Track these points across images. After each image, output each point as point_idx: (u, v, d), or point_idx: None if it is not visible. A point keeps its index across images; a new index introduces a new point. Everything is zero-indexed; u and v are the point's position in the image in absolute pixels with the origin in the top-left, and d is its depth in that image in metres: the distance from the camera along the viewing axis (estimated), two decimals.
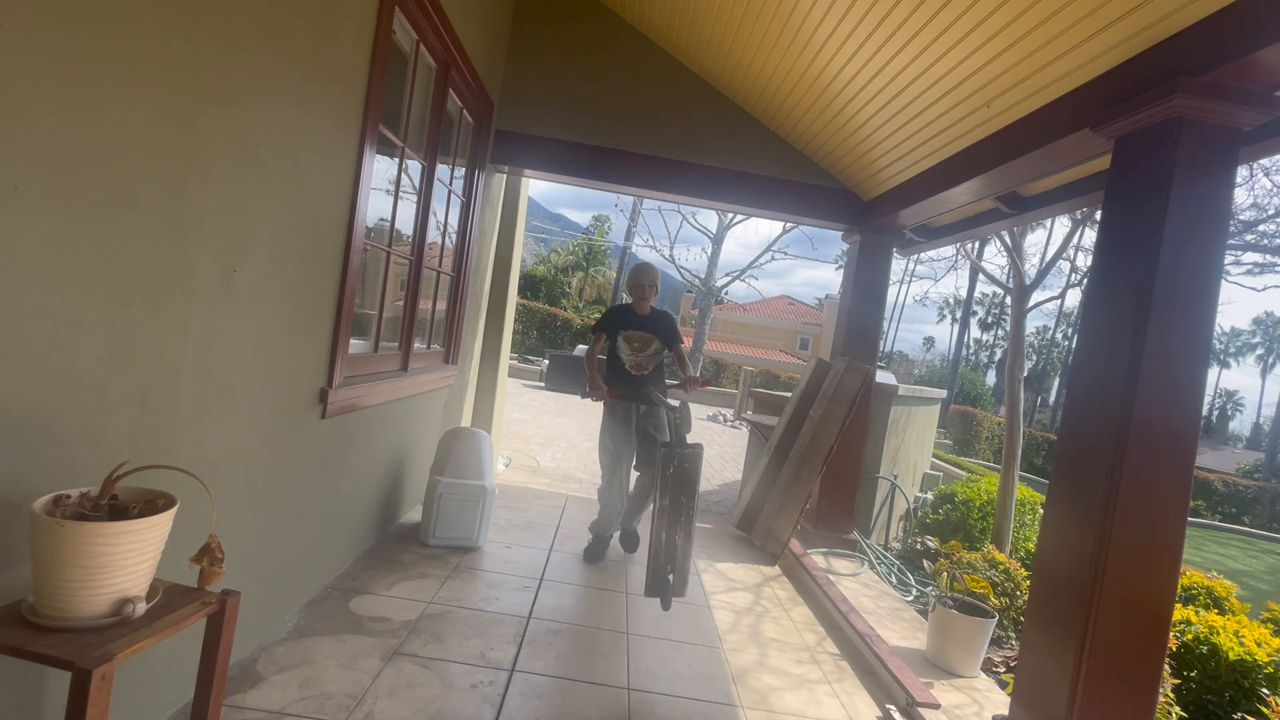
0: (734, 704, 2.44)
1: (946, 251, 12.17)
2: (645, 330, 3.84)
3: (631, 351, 3.84)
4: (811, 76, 3.82)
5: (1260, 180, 8.49)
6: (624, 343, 3.87)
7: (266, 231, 1.95)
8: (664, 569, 2.72)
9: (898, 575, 4.65)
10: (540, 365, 15.74)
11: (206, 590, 1.38)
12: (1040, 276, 6.17)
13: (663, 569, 2.72)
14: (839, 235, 5.15)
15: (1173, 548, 2.07)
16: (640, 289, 3.86)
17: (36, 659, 1.10)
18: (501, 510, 4.31)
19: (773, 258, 20.44)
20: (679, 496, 2.74)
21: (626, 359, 3.86)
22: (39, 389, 1.28)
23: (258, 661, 2.18)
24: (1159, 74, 2.09)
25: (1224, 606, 4.43)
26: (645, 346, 3.83)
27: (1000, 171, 3.09)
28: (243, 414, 1.97)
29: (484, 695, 2.21)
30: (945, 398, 9.96)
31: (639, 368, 3.83)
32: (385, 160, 2.88)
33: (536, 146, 4.59)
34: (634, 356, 3.84)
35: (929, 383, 33.43)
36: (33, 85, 1.17)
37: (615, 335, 3.89)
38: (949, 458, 13.08)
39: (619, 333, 3.88)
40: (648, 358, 3.85)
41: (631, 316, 3.87)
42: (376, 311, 3.11)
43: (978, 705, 2.85)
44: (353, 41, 2.32)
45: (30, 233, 1.21)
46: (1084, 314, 2.39)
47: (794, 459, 4.46)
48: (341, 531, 2.93)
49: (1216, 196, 2.06)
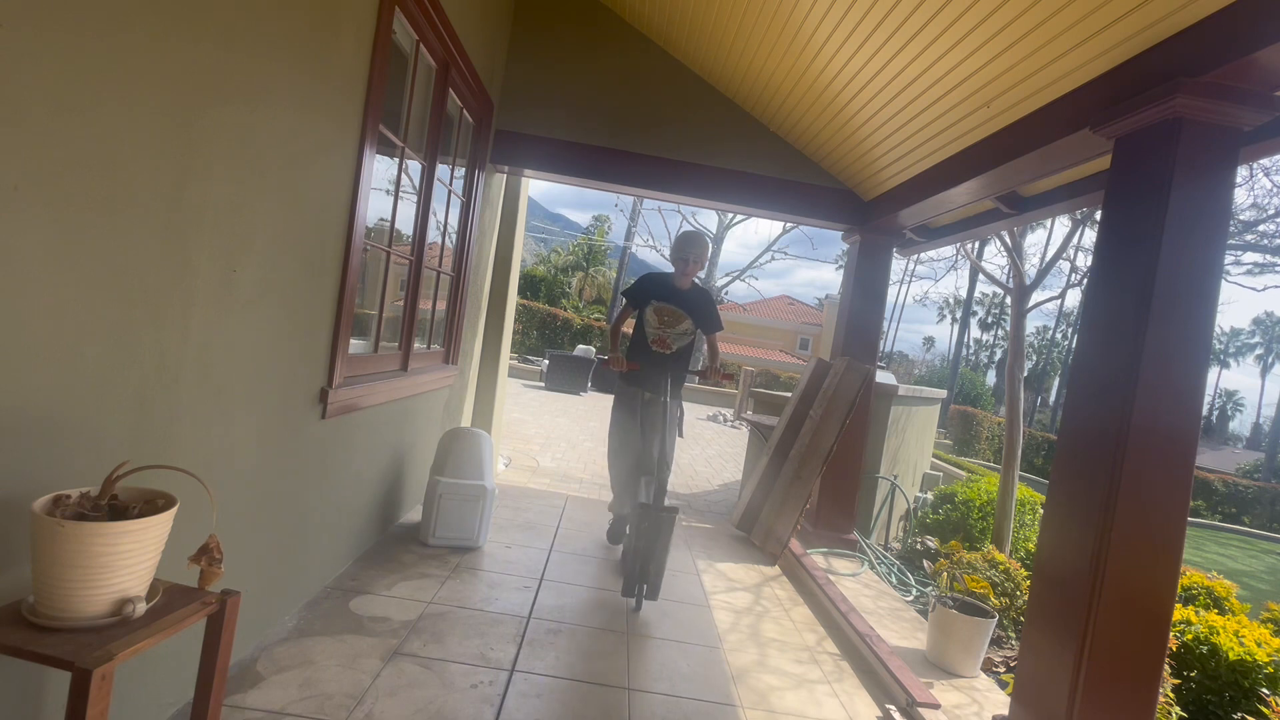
0: (734, 704, 2.44)
1: (946, 251, 12.19)
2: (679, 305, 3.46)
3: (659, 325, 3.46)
4: (811, 76, 3.82)
5: (1260, 180, 8.50)
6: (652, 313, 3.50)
7: (266, 231, 1.95)
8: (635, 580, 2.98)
9: (898, 575, 4.64)
10: (540, 365, 15.73)
11: (206, 590, 1.38)
12: (1040, 276, 6.17)
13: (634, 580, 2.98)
14: (839, 235, 5.15)
15: (1173, 548, 2.07)
16: (684, 261, 3.45)
17: (36, 659, 1.10)
18: (501, 510, 4.31)
19: (773, 258, 20.48)
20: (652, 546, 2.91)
21: (650, 332, 3.49)
22: (39, 389, 1.28)
23: (258, 661, 2.18)
24: (1159, 74, 2.09)
25: (1224, 606, 4.43)
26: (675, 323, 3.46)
27: (1000, 171, 3.09)
28: (242, 414, 1.97)
29: (484, 695, 2.21)
30: (945, 398, 9.96)
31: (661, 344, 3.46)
32: (385, 160, 2.88)
33: (536, 146, 4.59)
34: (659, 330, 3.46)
35: (929, 383, 33.43)
36: (33, 85, 1.17)
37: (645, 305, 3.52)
38: (949, 458, 13.08)
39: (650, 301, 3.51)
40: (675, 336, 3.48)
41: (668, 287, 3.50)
42: (376, 311, 3.11)
43: (978, 705, 2.85)
44: (353, 41, 2.32)
45: (30, 233, 1.21)
46: (1084, 314, 2.39)
47: (794, 459, 4.46)
48: (341, 531, 2.93)
49: (1216, 196, 2.06)
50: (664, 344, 3.45)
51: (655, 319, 3.47)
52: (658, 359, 3.46)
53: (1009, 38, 2.54)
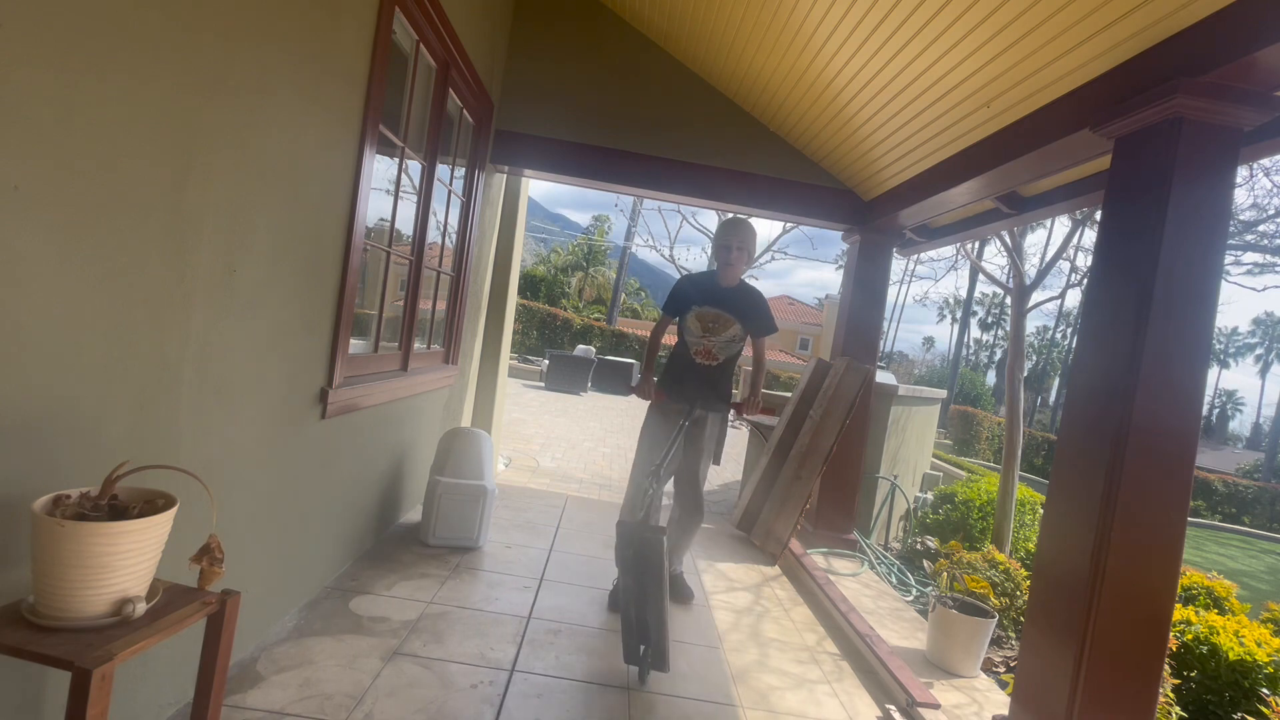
0: (734, 704, 2.44)
1: (946, 251, 12.20)
2: (724, 308, 2.95)
3: (703, 333, 2.96)
4: (811, 76, 3.82)
5: (1260, 180, 8.50)
6: (694, 320, 2.98)
7: (266, 231, 1.95)
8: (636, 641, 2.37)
9: (898, 575, 4.64)
10: (540, 365, 15.74)
11: (206, 590, 1.38)
12: (1040, 276, 6.17)
13: (634, 640, 2.38)
14: (839, 235, 5.15)
15: (1173, 548, 2.07)
16: (726, 249, 2.93)
17: (37, 659, 1.10)
18: (501, 510, 4.31)
19: (773, 258, 20.45)
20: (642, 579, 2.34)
21: (693, 342, 3.00)
22: (39, 389, 1.28)
23: (258, 661, 2.18)
24: (1159, 74, 2.09)
25: (1224, 606, 4.43)
26: (721, 329, 2.94)
27: (1000, 171, 3.09)
28: (242, 414, 1.97)
29: (484, 695, 2.21)
30: (945, 398, 9.97)
31: (707, 355, 2.96)
32: (385, 160, 2.88)
33: (536, 146, 4.59)
34: (704, 340, 2.96)
35: (929, 383, 33.43)
36: (33, 85, 1.17)
37: (687, 311, 3.02)
38: (949, 458, 13.08)
39: (691, 307, 3.00)
40: (721, 345, 2.96)
41: (710, 288, 2.98)
42: (376, 311, 3.11)
43: (978, 705, 2.85)
44: (352, 41, 2.32)
45: (30, 233, 1.21)
46: (1084, 314, 2.38)
47: (794, 459, 4.46)
48: (341, 531, 2.93)
49: (1216, 196, 2.06)
50: (709, 354, 2.96)
51: (698, 326, 2.98)
52: (703, 373, 2.98)
53: (1009, 38, 2.54)
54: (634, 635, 2.36)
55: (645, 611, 2.31)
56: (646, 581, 2.31)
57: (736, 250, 2.94)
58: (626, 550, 2.35)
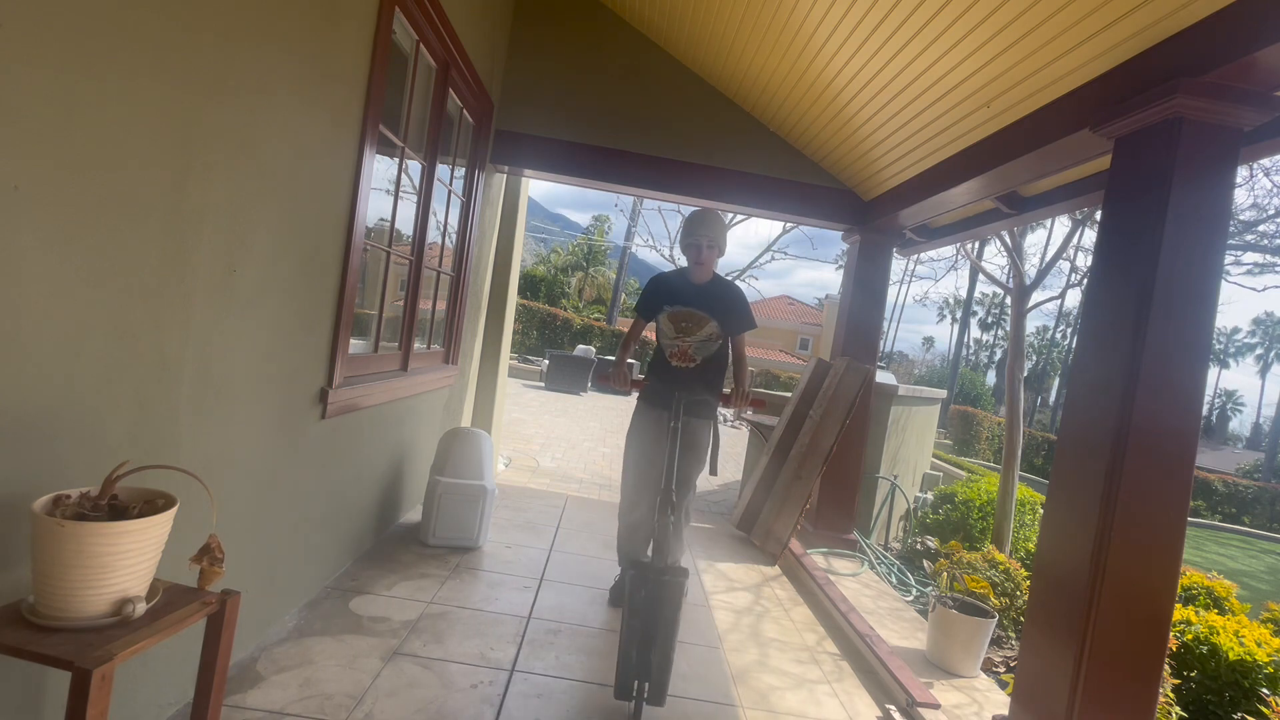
0: (734, 704, 2.44)
1: (946, 251, 12.20)
2: (697, 306, 2.80)
3: (676, 334, 2.81)
4: (811, 76, 3.82)
5: (1260, 180, 8.51)
6: (667, 322, 2.84)
7: (266, 231, 1.95)
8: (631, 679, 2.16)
9: (898, 575, 4.64)
10: (540, 365, 15.73)
11: (206, 590, 1.38)
12: (1040, 276, 6.17)
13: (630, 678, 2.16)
14: (839, 235, 5.15)
15: (1173, 548, 2.07)
16: (695, 247, 2.76)
17: (37, 659, 1.10)
18: (501, 510, 4.31)
19: (773, 258, 20.46)
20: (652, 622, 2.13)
21: (667, 344, 2.86)
22: (39, 389, 1.28)
23: (258, 661, 2.18)
24: (1159, 74, 2.09)
25: (1224, 606, 4.43)
26: (695, 329, 2.79)
27: (1000, 171, 3.09)
28: (243, 414, 1.97)
29: (484, 695, 2.21)
30: (945, 398, 9.97)
31: (683, 358, 2.82)
32: (385, 160, 2.88)
33: (536, 146, 4.59)
34: (678, 341, 2.81)
35: (929, 383, 33.43)
36: (33, 85, 1.17)
37: (659, 312, 2.88)
38: (949, 458, 13.07)
39: (663, 307, 2.85)
40: (697, 345, 2.82)
41: (681, 286, 2.83)
42: (376, 311, 3.11)
43: (978, 705, 2.85)
44: (352, 41, 2.32)
45: (30, 232, 1.21)
46: (1084, 314, 2.38)
47: (794, 459, 4.46)
48: (341, 531, 2.93)
49: (1217, 196, 2.06)
50: (685, 356, 2.81)
51: (671, 327, 2.83)
52: (680, 376, 2.82)
53: (1009, 38, 2.54)
54: (630, 673, 2.17)
55: (650, 653, 2.13)
56: (657, 625, 2.13)
57: (707, 247, 2.77)
58: (639, 591, 2.17)
